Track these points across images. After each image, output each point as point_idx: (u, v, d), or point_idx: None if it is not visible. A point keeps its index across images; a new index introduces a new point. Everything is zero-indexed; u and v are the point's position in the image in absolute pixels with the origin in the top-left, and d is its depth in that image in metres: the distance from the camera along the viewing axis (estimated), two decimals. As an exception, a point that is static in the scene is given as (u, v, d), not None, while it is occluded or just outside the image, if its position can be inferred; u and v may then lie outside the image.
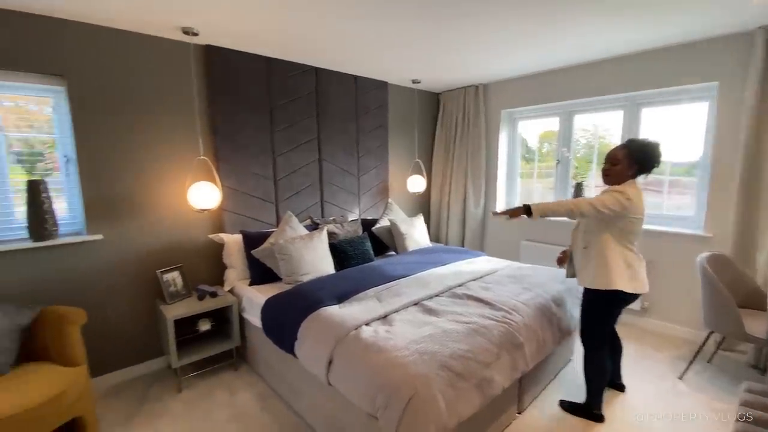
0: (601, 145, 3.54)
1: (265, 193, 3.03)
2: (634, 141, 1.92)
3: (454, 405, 1.44)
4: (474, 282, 2.51)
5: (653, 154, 1.87)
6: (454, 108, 4.24)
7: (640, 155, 1.87)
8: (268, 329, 2.22)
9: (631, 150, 1.88)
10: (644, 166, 1.89)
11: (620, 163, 1.89)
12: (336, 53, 2.90)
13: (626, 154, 1.88)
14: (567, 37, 2.62)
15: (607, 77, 3.19)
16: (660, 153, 1.88)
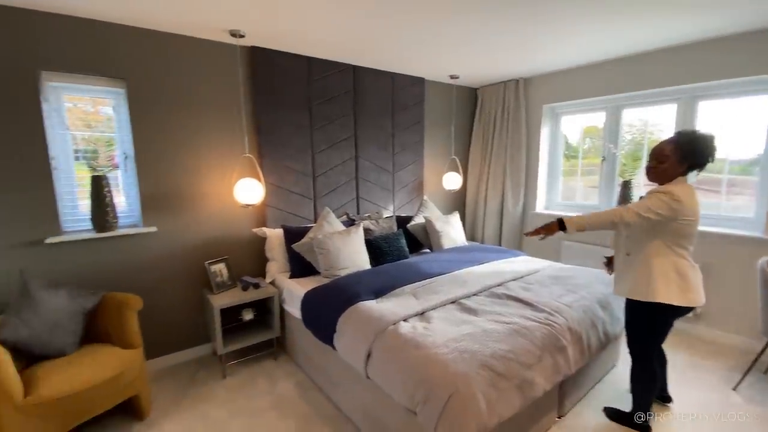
0: (650, 142, 3.34)
1: (304, 190, 3.11)
2: (683, 134, 1.73)
3: (495, 405, 1.43)
4: (514, 282, 2.46)
5: (705, 148, 1.67)
6: (492, 103, 4.14)
7: (689, 150, 1.68)
8: (308, 321, 2.28)
9: (679, 144, 1.69)
10: (695, 162, 1.69)
11: (667, 160, 1.71)
12: (375, 51, 2.92)
13: (674, 148, 1.70)
14: (616, 26, 2.49)
15: (660, 69, 3.00)
16: (714, 146, 1.68)
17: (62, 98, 2.28)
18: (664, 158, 1.72)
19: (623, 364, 2.58)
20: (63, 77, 2.21)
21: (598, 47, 2.94)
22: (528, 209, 4.06)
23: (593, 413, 2.10)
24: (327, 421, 2.07)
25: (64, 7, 2.06)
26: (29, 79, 2.09)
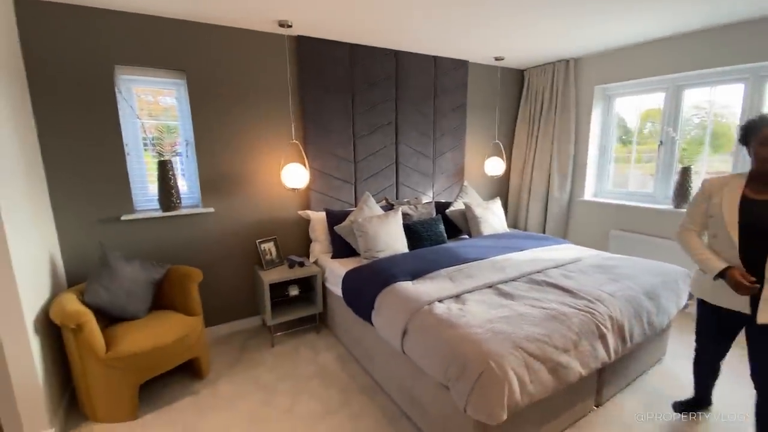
0: (716, 125, 3.06)
1: (345, 175, 3.22)
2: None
3: (527, 385, 1.46)
4: (555, 270, 2.42)
5: None
6: (540, 85, 3.98)
7: None
8: (348, 298, 2.41)
9: None
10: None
11: None
12: (417, 34, 2.91)
13: None
14: (666, 3, 2.29)
15: (726, 45, 2.72)
16: None
17: (132, 90, 2.53)
18: None
19: (671, 358, 2.47)
20: (133, 70, 2.46)
21: (656, 23, 2.72)
22: (575, 196, 3.90)
23: (632, 404, 2.05)
24: (364, 392, 2.20)
25: (132, 6, 2.28)
26: (106, 73, 2.34)
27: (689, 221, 1.75)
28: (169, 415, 2.05)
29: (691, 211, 1.76)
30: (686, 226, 1.76)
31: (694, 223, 1.74)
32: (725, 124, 3.02)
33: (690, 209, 1.77)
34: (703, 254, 1.64)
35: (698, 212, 1.72)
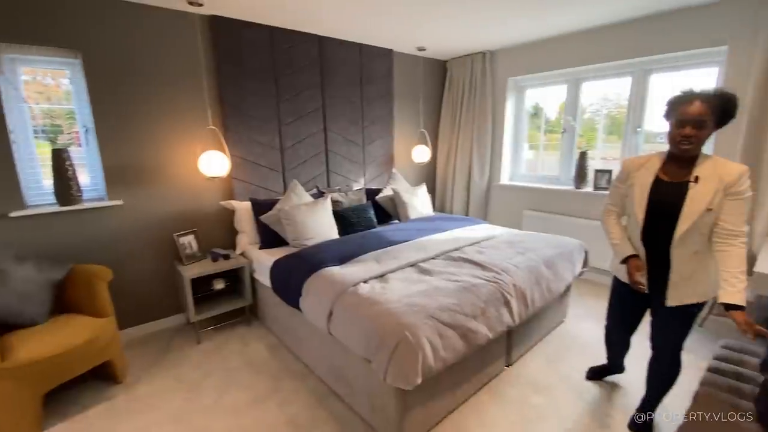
0: (609, 114, 3.50)
1: (272, 163, 3.15)
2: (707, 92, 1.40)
3: (439, 351, 1.59)
4: (470, 247, 2.63)
5: (735, 107, 1.39)
6: (460, 76, 4.21)
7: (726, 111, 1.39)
8: (276, 287, 2.40)
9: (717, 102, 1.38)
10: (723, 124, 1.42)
11: (707, 127, 1.39)
12: (339, 21, 2.91)
13: (711, 109, 1.37)
14: (568, 3, 2.58)
15: (615, 43, 3.12)
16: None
17: (18, 70, 2.23)
18: (704, 123, 1.39)
19: (571, 320, 2.83)
20: (15, 48, 2.16)
21: (558, 21, 3.02)
22: (493, 181, 4.23)
23: (538, 362, 2.33)
24: (295, 377, 2.23)
25: (8, -28, 1.99)
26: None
27: (611, 202, 1.75)
28: (81, 424, 1.90)
29: (612, 192, 1.75)
30: (608, 208, 1.76)
31: (615, 204, 1.74)
32: (617, 113, 3.46)
33: (611, 190, 1.75)
34: (615, 239, 1.69)
35: (617, 193, 1.72)
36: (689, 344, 2.46)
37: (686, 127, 1.40)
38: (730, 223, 1.41)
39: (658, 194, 1.53)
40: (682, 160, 1.50)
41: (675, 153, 1.49)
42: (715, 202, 1.41)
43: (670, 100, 1.50)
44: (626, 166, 1.66)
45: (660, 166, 1.55)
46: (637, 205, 1.57)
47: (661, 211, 1.52)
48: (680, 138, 1.42)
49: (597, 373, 2.17)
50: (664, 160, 1.56)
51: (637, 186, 1.58)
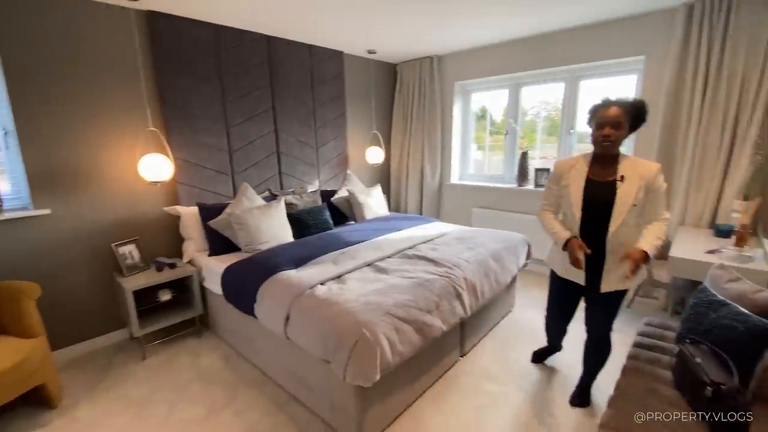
0: (547, 117, 3.77)
1: (220, 165, 3.04)
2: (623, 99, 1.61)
3: (396, 346, 1.64)
4: (424, 244, 2.72)
5: (646, 112, 1.60)
6: (411, 79, 4.32)
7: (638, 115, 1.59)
8: (229, 295, 2.32)
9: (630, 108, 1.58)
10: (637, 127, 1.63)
11: (622, 126, 1.57)
12: (286, 20, 2.88)
13: (626, 113, 1.57)
14: (507, 13, 2.76)
15: (549, 51, 3.38)
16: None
17: None
18: (620, 124, 1.57)
19: (518, 309, 3.02)
20: None
21: (499, 29, 3.21)
22: (444, 181, 4.39)
23: (490, 350, 2.46)
24: (253, 385, 2.17)
25: None
26: None
27: (546, 202, 1.85)
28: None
29: (546, 193, 1.85)
30: (543, 207, 1.86)
31: (550, 204, 1.84)
32: (555, 116, 3.74)
33: (545, 191, 1.85)
34: (553, 228, 1.76)
35: (551, 194, 1.82)
36: (620, 324, 2.74)
37: (605, 128, 1.58)
38: (653, 213, 1.65)
39: (590, 193, 1.67)
40: (605, 161, 1.67)
41: (599, 153, 1.68)
42: (639, 197, 1.60)
43: (591, 109, 1.69)
44: (558, 168, 1.79)
45: (588, 167, 1.71)
46: (574, 204, 1.70)
47: (595, 208, 1.66)
48: (601, 138, 1.60)
49: (540, 355, 2.34)
50: (590, 162, 1.71)
51: (572, 186, 1.71)
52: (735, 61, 2.48)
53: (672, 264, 2.18)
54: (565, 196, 1.74)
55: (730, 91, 2.52)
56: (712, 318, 1.49)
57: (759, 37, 2.38)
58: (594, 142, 1.66)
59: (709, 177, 2.67)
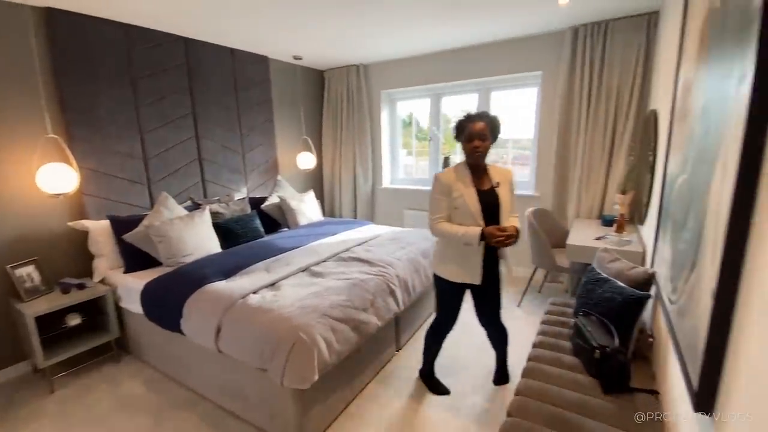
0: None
1: (134, 174, 2.81)
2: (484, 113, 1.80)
3: (333, 345, 1.69)
4: (359, 246, 2.80)
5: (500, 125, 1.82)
6: (339, 86, 4.39)
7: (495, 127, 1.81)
8: (151, 313, 2.17)
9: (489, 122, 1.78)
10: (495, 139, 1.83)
11: (487, 139, 1.77)
12: (204, 23, 2.77)
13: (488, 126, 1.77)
14: (426, 27, 2.97)
15: (464, 64, 3.69)
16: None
17: None
18: (486, 136, 1.75)
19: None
20: None
21: (420, 41, 3.43)
22: (376, 185, 4.53)
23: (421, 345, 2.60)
24: (183, 406, 2.05)
25: None
26: None
27: (438, 214, 1.84)
28: None
29: (436, 205, 1.84)
30: (438, 219, 1.84)
31: (442, 216, 1.84)
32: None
33: (435, 204, 1.84)
34: (458, 231, 1.78)
35: (443, 206, 1.83)
36: (532, 307, 3.09)
37: (475, 141, 1.75)
38: (513, 208, 1.93)
39: (482, 200, 1.80)
40: (478, 171, 1.85)
41: (471, 163, 1.83)
42: (511, 198, 1.89)
43: (457, 124, 1.83)
44: (445, 181, 1.82)
45: (470, 177, 1.83)
46: (475, 213, 1.78)
47: (488, 212, 1.81)
48: (472, 150, 1.77)
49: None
50: (469, 171, 1.83)
51: (466, 196, 1.79)
52: (611, 77, 2.97)
53: (569, 251, 2.53)
54: (461, 206, 1.79)
55: (609, 102, 3.01)
56: (598, 293, 1.78)
57: (629, 57, 2.87)
58: (467, 153, 1.80)
59: (596, 176, 3.14)
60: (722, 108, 1.00)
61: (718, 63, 1.09)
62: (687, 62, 1.55)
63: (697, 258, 1.09)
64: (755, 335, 0.75)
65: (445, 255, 1.91)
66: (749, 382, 0.75)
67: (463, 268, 1.86)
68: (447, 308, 2.01)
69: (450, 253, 1.88)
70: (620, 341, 1.56)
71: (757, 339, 0.74)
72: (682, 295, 1.22)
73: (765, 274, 0.73)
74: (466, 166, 1.86)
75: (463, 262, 1.85)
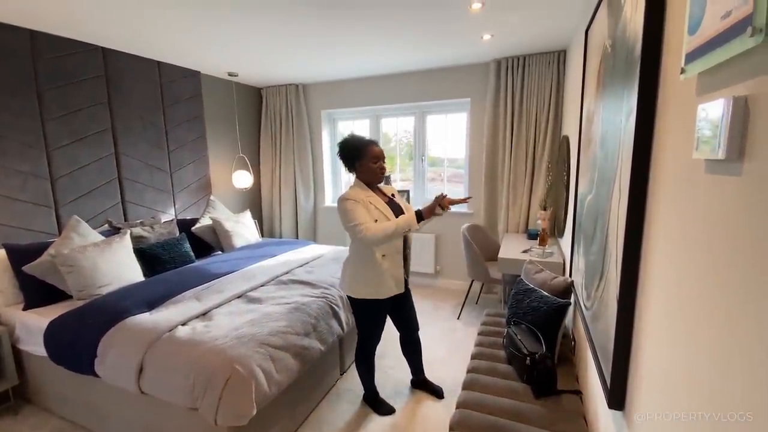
0: (408, 143, 4.24)
1: (37, 196, 2.48)
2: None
3: (273, 376, 1.61)
4: (300, 268, 2.72)
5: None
6: (276, 104, 4.32)
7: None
8: (58, 355, 1.90)
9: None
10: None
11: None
12: (128, 34, 2.58)
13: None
14: (364, 52, 3.07)
15: (401, 88, 3.86)
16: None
17: None
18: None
19: (391, 319, 3.25)
20: None
21: (359, 65, 3.51)
22: (318, 203, 4.48)
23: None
24: (96, 460, 1.80)
25: None
26: None
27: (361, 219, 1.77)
28: None
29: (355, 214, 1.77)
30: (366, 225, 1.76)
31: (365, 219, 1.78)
32: (408, 143, 4.23)
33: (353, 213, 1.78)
34: (391, 224, 1.76)
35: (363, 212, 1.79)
36: (470, 318, 3.24)
37: (380, 162, 1.88)
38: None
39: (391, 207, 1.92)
40: (374, 189, 1.94)
41: (373, 181, 1.92)
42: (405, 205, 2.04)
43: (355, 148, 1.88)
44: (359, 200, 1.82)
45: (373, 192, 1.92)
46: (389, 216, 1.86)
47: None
48: (381, 170, 1.89)
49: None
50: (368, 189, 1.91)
51: (383, 210, 1.86)
52: (530, 104, 3.29)
53: (501, 263, 2.71)
54: (379, 216, 1.84)
55: (529, 128, 3.32)
56: (526, 302, 1.92)
57: (543, 87, 3.22)
58: (374, 174, 1.88)
59: (521, 193, 3.43)
60: (616, 138, 1.17)
61: (611, 99, 1.27)
62: (588, 97, 1.79)
63: (604, 268, 1.24)
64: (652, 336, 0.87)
65: (361, 275, 1.88)
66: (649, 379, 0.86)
67: (386, 282, 1.87)
68: (373, 327, 1.99)
69: (368, 272, 1.86)
70: (547, 347, 1.70)
71: (653, 339, 0.85)
72: (595, 302, 1.37)
73: (655, 277, 0.85)
74: (363, 185, 1.91)
75: (385, 276, 1.86)
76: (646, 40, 0.89)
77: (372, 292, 1.88)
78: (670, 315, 0.76)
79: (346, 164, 1.93)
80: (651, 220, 0.90)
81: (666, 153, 0.82)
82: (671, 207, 0.78)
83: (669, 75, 0.83)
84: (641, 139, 0.91)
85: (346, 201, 1.81)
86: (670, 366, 0.74)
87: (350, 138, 1.90)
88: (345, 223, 1.81)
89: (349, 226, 1.78)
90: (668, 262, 0.78)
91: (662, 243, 0.82)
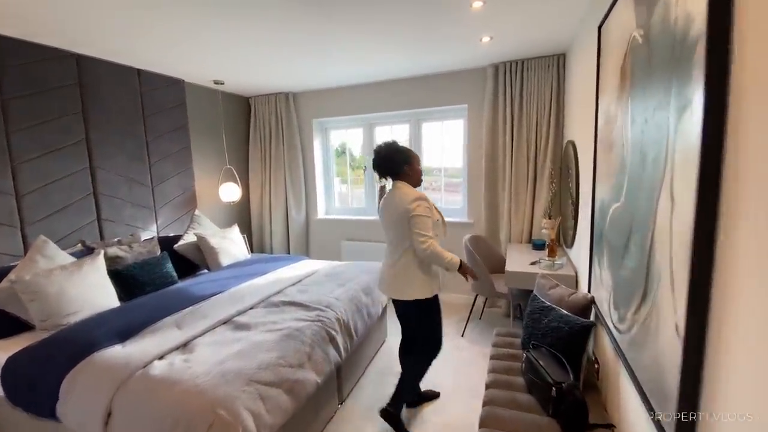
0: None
1: (1, 214, 2.24)
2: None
3: (263, 417, 1.39)
4: (292, 287, 2.51)
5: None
6: (266, 113, 4.14)
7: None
8: (15, 395, 1.67)
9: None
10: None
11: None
12: (103, 40, 2.40)
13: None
14: (357, 58, 2.93)
15: (396, 96, 3.71)
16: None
17: None
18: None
19: (390, 338, 3.05)
20: None
21: (352, 72, 3.37)
22: (311, 216, 4.28)
23: (369, 391, 2.37)
24: None
25: None
26: None
27: (429, 233, 1.82)
28: None
29: (426, 224, 1.83)
30: (431, 237, 1.82)
31: (431, 233, 1.84)
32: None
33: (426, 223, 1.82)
34: (446, 255, 1.84)
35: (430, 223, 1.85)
36: (475, 336, 3.05)
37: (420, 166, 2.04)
38: None
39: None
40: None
41: (417, 184, 2.03)
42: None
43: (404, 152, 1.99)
44: (427, 200, 1.90)
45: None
46: (443, 224, 2.03)
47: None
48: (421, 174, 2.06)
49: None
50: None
51: (436, 213, 1.98)
52: (530, 109, 3.17)
53: (509, 277, 2.54)
54: (439, 220, 1.98)
55: (530, 133, 3.19)
56: (544, 323, 1.74)
57: (543, 92, 3.10)
58: (419, 176, 2.04)
59: (523, 201, 3.28)
60: (659, 139, 1.01)
61: (646, 95, 1.12)
62: (606, 96, 1.65)
63: (648, 289, 1.07)
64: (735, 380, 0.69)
65: (423, 276, 1.93)
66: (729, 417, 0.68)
67: (438, 278, 2.02)
68: (440, 318, 2.07)
69: (425, 273, 1.94)
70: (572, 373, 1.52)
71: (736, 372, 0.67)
72: (633, 326, 1.20)
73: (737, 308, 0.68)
74: (411, 187, 1.98)
75: (436, 273, 2.00)
76: (711, 20, 0.74)
77: (435, 288, 1.99)
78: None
79: (394, 167, 1.95)
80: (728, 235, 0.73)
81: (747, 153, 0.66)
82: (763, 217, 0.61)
83: (745, 59, 0.67)
84: (711, 138, 0.75)
85: (421, 201, 1.85)
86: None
87: (393, 142, 2.00)
88: (414, 226, 1.82)
89: (417, 232, 1.81)
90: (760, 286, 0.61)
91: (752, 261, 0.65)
